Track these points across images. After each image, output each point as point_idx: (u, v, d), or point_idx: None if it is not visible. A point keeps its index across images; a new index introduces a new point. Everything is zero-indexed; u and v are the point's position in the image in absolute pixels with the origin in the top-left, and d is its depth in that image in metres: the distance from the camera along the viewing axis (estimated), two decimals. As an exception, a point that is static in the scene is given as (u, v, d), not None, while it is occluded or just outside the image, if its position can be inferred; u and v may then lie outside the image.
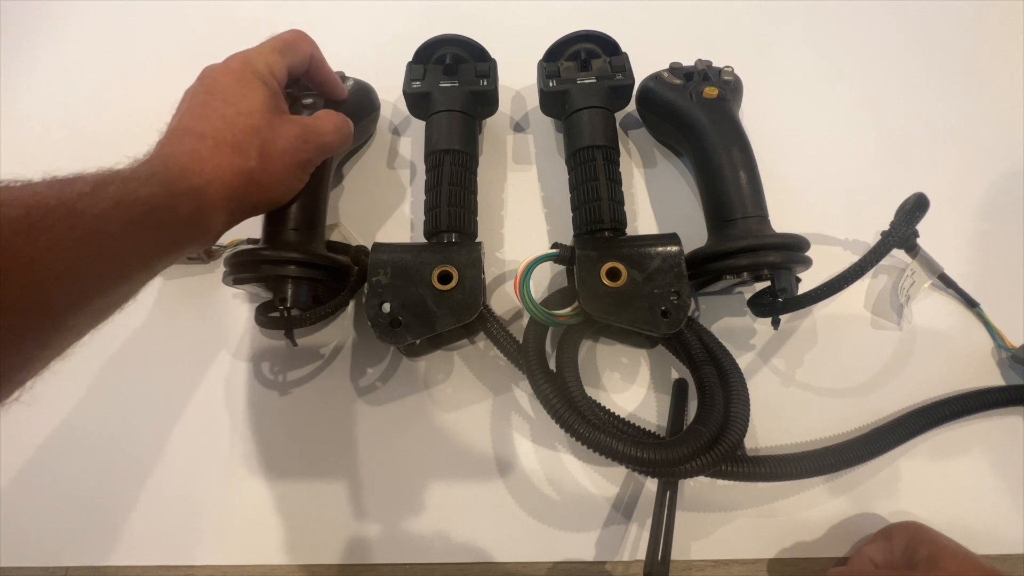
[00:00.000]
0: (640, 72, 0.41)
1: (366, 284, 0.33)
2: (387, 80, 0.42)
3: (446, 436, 0.35)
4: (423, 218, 0.36)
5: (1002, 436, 0.35)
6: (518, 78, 0.46)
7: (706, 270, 0.34)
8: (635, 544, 0.33)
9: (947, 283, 0.39)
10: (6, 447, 0.35)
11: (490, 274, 0.39)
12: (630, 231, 0.38)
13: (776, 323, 0.35)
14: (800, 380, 0.37)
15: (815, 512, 0.34)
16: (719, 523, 0.33)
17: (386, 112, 0.46)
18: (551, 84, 0.39)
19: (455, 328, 0.32)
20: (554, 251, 0.33)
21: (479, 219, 0.37)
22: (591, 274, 0.32)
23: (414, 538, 0.33)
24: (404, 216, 0.42)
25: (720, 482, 0.34)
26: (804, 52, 0.49)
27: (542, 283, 0.39)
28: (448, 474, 0.35)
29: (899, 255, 0.38)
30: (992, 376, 0.37)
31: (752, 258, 0.32)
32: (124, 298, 0.26)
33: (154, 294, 0.39)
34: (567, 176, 0.38)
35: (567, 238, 0.37)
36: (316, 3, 0.51)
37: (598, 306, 0.32)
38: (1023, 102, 0.46)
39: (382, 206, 0.42)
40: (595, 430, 0.29)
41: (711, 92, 0.38)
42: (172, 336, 0.38)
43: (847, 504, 0.34)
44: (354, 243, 0.39)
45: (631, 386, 0.37)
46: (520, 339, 0.34)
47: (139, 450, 0.35)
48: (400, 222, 0.42)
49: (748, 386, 0.32)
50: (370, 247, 0.34)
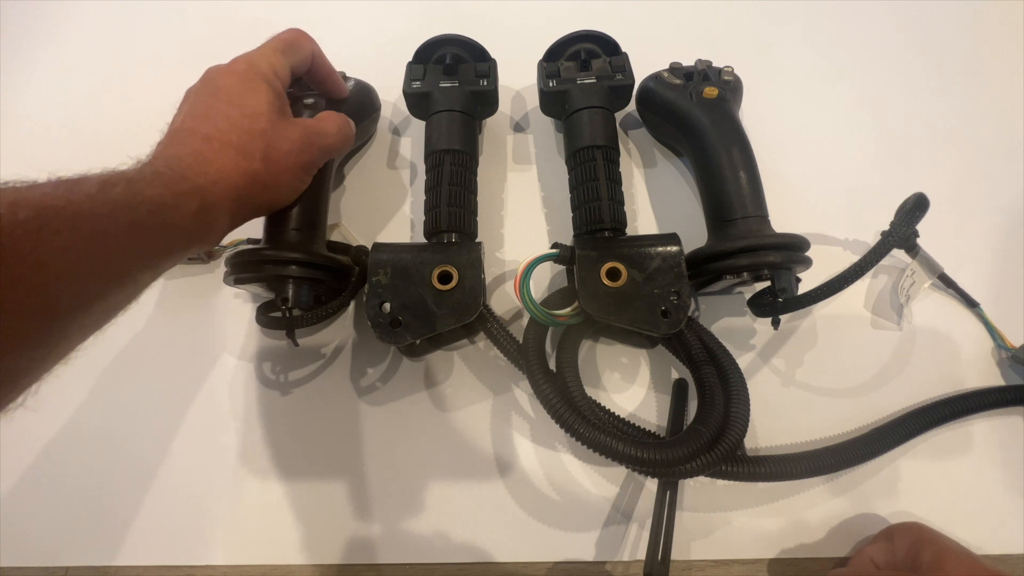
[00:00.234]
0: (640, 72, 0.41)
1: (366, 284, 0.33)
2: (387, 80, 0.42)
3: (446, 436, 0.35)
4: (423, 218, 0.36)
5: (1002, 436, 0.35)
6: (518, 78, 0.46)
7: (706, 270, 0.34)
8: (635, 544, 0.33)
9: (947, 283, 0.39)
10: (6, 447, 0.35)
11: (490, 274, 0.39)
12: (630, 231, 0.38)
13: (776, 323, 0.35)
14: (800, 380, 0.37)
15: (815, 512, 0.34)
16: (719, 523, 0.33)
17: (386, 112, 0.46)
18: (551, 84, 0.39)
19: (455, 328, 0.32)
20: (554, 251, 0.33)
21: (479, 219, 0.37)
22: (591, 274, 0.32)
23: (414, 538, 0.33)
24: (404, 216, 0.42)
25: (720, 482, 0.34)
26: (804, 52, 0.49)
27: (542, 283, 0.39)
28: (448, 474, 0.35)
29: (899, 255, 0.38)
30: (992, 376, 0.37)
31: (752, 258, 0.32)
32: (127, 300, 0.26)
33: (155, 294, 0.39)
34: (567, 176, 0.38)
35: (567, 238, 0.37)
36: (316, 3, 0.51)
37: (598, 306, 0.32)
38: (1023, 102, 0.46)
39: (382, 206, 0.42)
40: (595, 430, 0.29)
41: (711, 92, 0.38)
42: (172, 336, 0.38)
43: (847, 504, 0.34)
44: (354, 243, 0.39)
45: (631, 386, 0.37)
46: (520, 339, 0.34)
47: (139, 450, 0.35)
48: (400, 222, 0.42)
49: (748, 386, 0.32)
50: (370, 247, 0.34)
